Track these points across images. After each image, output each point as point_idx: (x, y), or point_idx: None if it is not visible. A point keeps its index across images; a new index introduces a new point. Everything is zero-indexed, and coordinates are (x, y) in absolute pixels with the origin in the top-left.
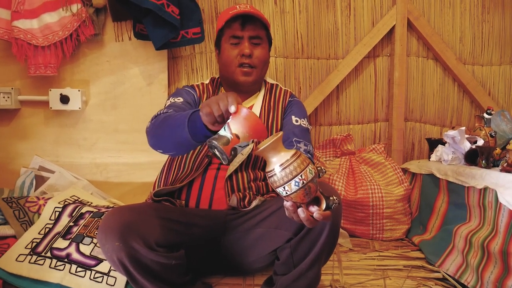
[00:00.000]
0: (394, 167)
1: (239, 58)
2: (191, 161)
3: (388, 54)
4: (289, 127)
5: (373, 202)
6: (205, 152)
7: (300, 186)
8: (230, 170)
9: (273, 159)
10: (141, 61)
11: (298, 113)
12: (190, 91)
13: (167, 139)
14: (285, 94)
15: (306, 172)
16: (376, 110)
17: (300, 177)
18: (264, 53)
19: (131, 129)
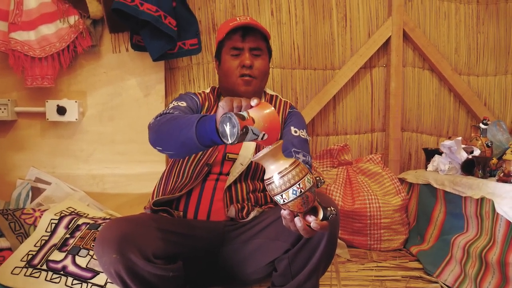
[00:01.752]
0: (391, 177)
1: (239, 69)
2: (191, 169)
3: (384, 65)
4: (288, 137)
5: (371, 212)
6: (205, 160)
7: (298, 195)
8: (230, 181)
9: (272, 166)
10: (138, 72)
11: (297, 124)
12: (193, 97)
13: (170, 137)
14: (285, 105)
15: (304, 181)
16: (372, 120)
17: (298, 186)
18: (265, 64)
19: (128, 140)
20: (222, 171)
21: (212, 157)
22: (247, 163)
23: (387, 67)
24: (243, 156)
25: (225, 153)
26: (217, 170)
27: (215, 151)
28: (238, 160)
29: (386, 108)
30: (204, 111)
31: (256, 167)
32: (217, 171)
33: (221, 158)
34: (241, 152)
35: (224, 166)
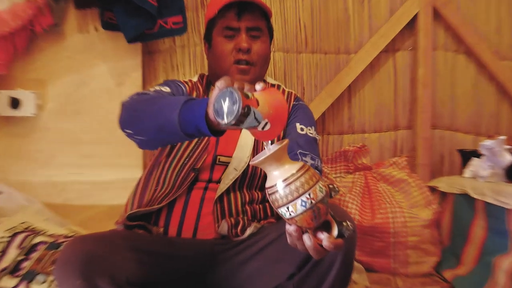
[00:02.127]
0: (419, 185)
1: (234, 53)
2: (174, 175)
3: (410, 48)
4: (293, 136)
5: (395, 228)
6: (191, 164)
7: (308, 207)
8: (221, 189)
9: (275, 172)
10: (109, 57)
11: (304, 120)
12: (180, 85)
13: (146, 117)
14: (289, 97)
15: (316, 190)
16: (396, 115)
17: (307, 196)
18: (265, 47)
19: (98, 140)
20: (212, 177)
21: (199, 160)
22: (243, 168)
23: (413, 50)
24: (238, 159)
25: (216, 155)
26: (206, 177)
27: (204, 153)
28: (232, 164)
29: (412, 101)
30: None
31: (254, 173)
32: (206, 177)
33: (210, 161)
34: (236, 154)
35: (214, 171)
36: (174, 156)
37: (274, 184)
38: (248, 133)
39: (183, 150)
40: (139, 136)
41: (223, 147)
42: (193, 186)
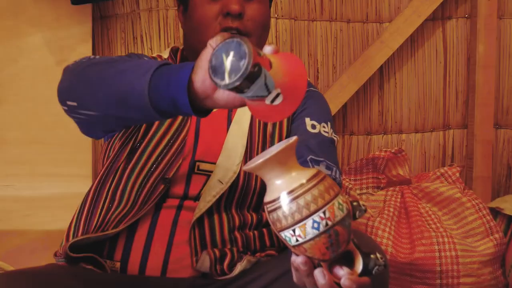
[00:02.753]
0: (477, 206)
1: (221, 19)
2: (135, 188)
3: (466, 15)
4: (302, 136)
5: (442, 265)
6: (160, 172)
7: (321, 230)
8: (201, 210)
9: (278, 181)
10: (46, 23)
11: (317, 114)
12: (143, 57)
13: (100, 83)
14: None
15: (333, 208)
16: (446, 109)
17: (322, 215)
18: (263, 10)
19: (29, 139)
20: (188, 192)
21: (172, 168)
22: (231, 180)
23: (470, 18)
24: (224, 168)
25: (194, 161)
26: (180, 191)
27: (178, 157)
28: (215, 174)
29: (469, 89)
30: None
31: (247, 187)
32: (180, 192)
33: (186, 169)
34: (221, 161)
35: (192, 184)
36: (137, 160)
37: (276, 198)
38: (238, 133)
39: (149, 152)
40: (86, 110)
41: (204, 150)
42: (162, 203)
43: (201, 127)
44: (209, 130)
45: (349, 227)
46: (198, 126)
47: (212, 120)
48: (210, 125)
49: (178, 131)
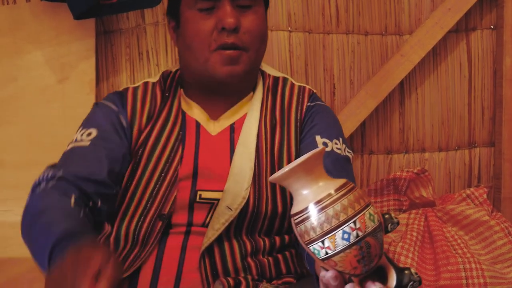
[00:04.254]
0: (506, 229)
1: (216, 35)
2: (132, 229)
3: (492, 26)
4: None
5: None
6: (155, 211)
7: (352, 242)
8: (210, 238)
9: (306, 191)
10: (47, 40)
11: (327, 131)
12: (112, 106)
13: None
14: (301, 94)
15: (364, 218)
16: (471, 126)
17: (352, 225)
18: (259, 22)
19: (29, 162)
20: (192, 221)
21: (167, 202)
22: (240, 206)
23: (497, 29)
24: (232, 193)
25: (195, 190)
26: (183, 221)
27: (172, 191)
28: (224, 201)
29: (496, 104)
30: (135, 130)
31: (258, 212)
32: (183, 222)
33: (187, 200)
34: (228, 186)
35: (195, 213)
36: (130, 199)
37: (303, 209)
38: (244, 154)
39: (142, 189)
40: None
41: (206, 177)
42: (167, 232)
43: (201, 154)
44: (210, 156)
45: (381, 239)
46: (197, 153)
47: (212, 145)
48: (210, 150)
49: (168, 162)
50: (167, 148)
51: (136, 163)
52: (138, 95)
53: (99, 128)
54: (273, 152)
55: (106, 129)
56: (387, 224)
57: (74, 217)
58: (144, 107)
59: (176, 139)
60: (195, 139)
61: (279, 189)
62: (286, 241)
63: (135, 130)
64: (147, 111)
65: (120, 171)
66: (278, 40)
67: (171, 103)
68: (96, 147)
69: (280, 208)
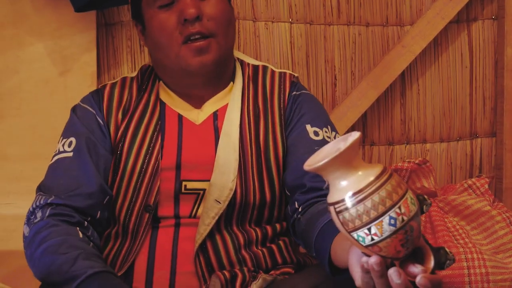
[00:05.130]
0: (508, 219)
1: (180, 28)
2: (121, 221)
3: (493, 17)
4: (307, 146)
5: (472, 283)
6: (141, 203)
7: (399, 226)
8: (202, 234)
9: (344, 181)
10: (49, 32)
11: (316, 119)
12: (88, 108)
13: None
14: (282, 81)
15: (407, 202)
16: (473, 117)
17: (398, 210)
18: (222, 6)
19: (31, 155)
20: (179, 213)
21: (151, 194)
22: (228, 198)
23: (498, 19)
24: (219, 186)
25: (180, 181)
26: (169, 212)
27: (155, 179)
28: (211, 194)
29: (497, 95)
30: (112, 127)
31: (246, 202)
32: (170, 213)
33: (172, 192)
34: (214, 179)
35: (181, 204)
36: (117, 191)
37: (345, 197)
38: (228, 145)
39: (126, 181)
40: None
41: (190, 168)
42: (156, 227)
43: (184, 144)
44: (194, 145)
45: (420, 222)
46: (180, 143)
47: (196, 134)
48: (194, 140)
49: (149, 154)
50: (146, 140)
51: (118, 158)
52: (115, 91)
53: (79, 136)
54: (258, 141)
55: (87, 135)
56: (422, 205)
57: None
58: (120, 103)
59: (155, 130)
60: (177, 130)
61: (266, 178)
62: (278, 230)
63: (112, 127)
64: (123, 106)
65: (106, 173)
66: (279, 31)
67: (148, 95)
68: (80, 156)
69: (269, 197)
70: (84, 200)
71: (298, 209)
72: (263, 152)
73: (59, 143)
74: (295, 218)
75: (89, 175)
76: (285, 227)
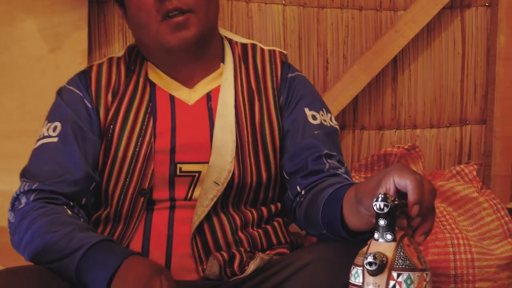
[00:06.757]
0: (495, 206)
1: (158, 5)
2: (119, 207)
3: (486, 3)
4: (308, 130)
5: (457, 269)
6: (135, 186)
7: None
8: (199, 216)
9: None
10: (41, 9)
11: (312, 102)
12: (75, 91)
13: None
14: (272, 60)
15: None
16: (464, 103)
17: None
18: None
19: (20, 132)
20: (174, 195)
21: (146, 177)
22: (227, 180)
23: (491, 6)
24: (217, 168)
25: (175, 163)
26: (165, 195)
27: (149, 163)
28: (209, 176)
29: (488, 82)
30: (102, 109)
31: (242, 184)
32: (165, 196)
33: (166, 174)
34: (213, 161)
35: (176, 187)
36: (109, 175)
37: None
38: (225, 127)
39: (119, 165)
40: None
41: (184, 150)
42: (150, 208)
43: (178, 126)
44: (188, 127)
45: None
46: (174, 125)
47: (190, 116)
48: (188, 121)
49: (141, 136)
50: (138, 122)
51: (109, 141)
52: (103, 72)
53: (65, 120)
54: (254, 122)
55: (73, 119)
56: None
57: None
58: (109, 84)
59: (146, 112)
60: (170, 111)
61: (263, 159)
62: (273, 211)
63: (102, 109)
64: (112, 88)
65: (95, 158)
66: (272, 13)
67: (137, 76)
68: (66, 142)
69: (265, 178)
70: (69, 186)
71: (300, 192)
72: (259, 133)
73: (44, 127)
74: (297, 202)
75: (75, 162)
76: (279, 208)
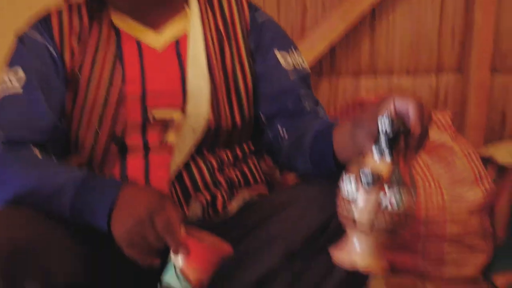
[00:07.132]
0: (467, 153)
1: None
2: (91, 155)
3: None
4: (280, 73)
5: (428, 213)
6: (108, 134)
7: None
8: (177, 163)
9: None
10: None
11: (284, 44)
12: (38, 37)
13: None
14: (239, 3)
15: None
16: (440, 51)
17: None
18: None
19: None
20: (148, 141)
21: (117, 124)
22: (204, 127)
23: None
24: (194, 115)
25: (146, 109)
26: (138, 141)
27: (120, 108)
28: (186, 122)
29: (466, 30)
30: (67, 55)
31: (217, 129)
32: (138, 141)
33: (139, 121)
34: (189, 109)
35: (149, 133)
36: (78, 127)
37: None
38: (199, 75)
39: (88, 113)
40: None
41: (154, 95)
42: (125, 155)
43: (147, 72)
44: (158, 73)
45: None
46: (143, 71)
47: (159, 62)
48: (158, 67)
49: (110, 83)
50: (106, 68)
51: (76, 87)
52: (64, 18)
53: (29, 70)
54: (225, 68)
55: (38, 68)
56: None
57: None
58: (71, 30)
59: (115, 57)
60: (138, 57)
61: (236, 104)
62: (247, 150)
63: (67, 55)
64: (76, 34)
65: (62, 106)
66: None
67: (101, 22)
68: (31, 93)
69: (239, 122)
70: (37, 135)
71: (282, 134)
72: (231, 78)
73: (5, 74)
74: (279, 144)
75: (41, 112)
76: (252, 148)
